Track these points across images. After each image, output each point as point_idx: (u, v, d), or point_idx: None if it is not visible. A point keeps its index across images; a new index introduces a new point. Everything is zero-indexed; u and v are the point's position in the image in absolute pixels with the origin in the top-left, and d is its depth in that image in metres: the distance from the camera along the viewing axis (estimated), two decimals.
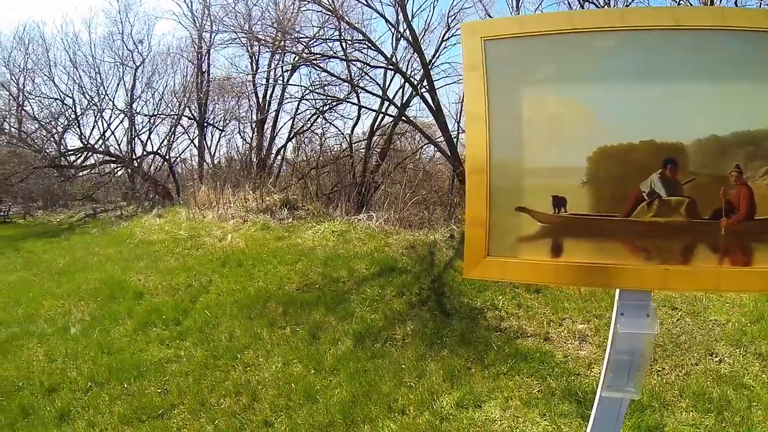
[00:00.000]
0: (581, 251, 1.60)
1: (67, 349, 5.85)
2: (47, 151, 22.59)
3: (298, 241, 9.77)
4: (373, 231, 10.04)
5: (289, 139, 19.71)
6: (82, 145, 22.99)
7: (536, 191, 1.60)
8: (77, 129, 23.48)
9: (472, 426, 3.83)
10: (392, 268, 7.74)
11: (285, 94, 19.64)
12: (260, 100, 20.09)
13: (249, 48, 19.62)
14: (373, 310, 6.41)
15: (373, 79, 16.75)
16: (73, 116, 23.33)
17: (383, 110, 16.68)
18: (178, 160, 23.61)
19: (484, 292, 6.64)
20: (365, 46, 15.23)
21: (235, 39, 18.85)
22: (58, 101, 23.45)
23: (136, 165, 22.60)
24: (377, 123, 17.23)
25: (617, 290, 1.65)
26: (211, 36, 21.34)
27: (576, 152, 1.58)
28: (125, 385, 4.91)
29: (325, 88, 17.37)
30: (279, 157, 20.12)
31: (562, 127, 1.61)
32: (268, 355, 5.44)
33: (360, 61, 15.71)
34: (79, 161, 23.52)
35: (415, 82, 15.21)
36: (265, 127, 19.99)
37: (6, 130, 23.65)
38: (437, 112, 14.31)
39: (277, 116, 20.00)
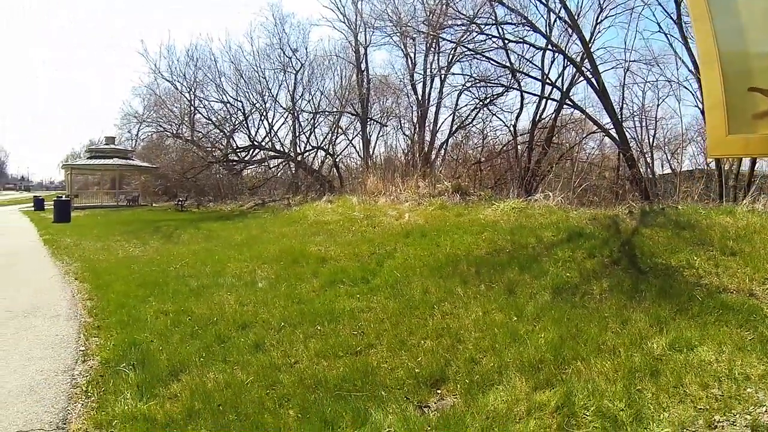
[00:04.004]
0: None
1: (257, 297, 6.22)
2: (218, 149, 25.05)
3: (478, 216, 9.95)
4: (551, 208, 10.16)
5: (451, 134, 20.14)
6: (249, 143, 25.22)
7: (764, 72, 1.75)
8: (245, 129, 25.93)
9: (688, 366, 3.80)
10: (579, 234, 7.69)
11: (444, 87, 20.16)
12: (419, 97, 20.71)
13: (404, 48, 20.37)
14: (566, 269, 6.40)
15: (535, 65, 16.55)
16: (241, 117, 25.67)
17: (546, 95, 16.55)
18: (341, 154, 25.06)
19: (678, 254, 6.45)
20: (524, 31, 15.22)
21: (389, 40, 19.78)
22: (227, 105, 26.02)
23: (300, 159, 24.20)
24: (540, 113, 17.23)
25: None
26: (365, 37, 22.52)
27: None
28: (318, 327, 5.08)
29: (484, 81, 17.68)
30: (443, 149, 20.56)
31: None
32: (465, 306, 5.40)
33: (521, 42, 15.63)
34: (247, 158, 25.73)
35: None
36: (426, 121, 20.48)
37: (182, 133, 26.63)
38: (603, 94, 13.82)
39: (437, 110, 20.46)
